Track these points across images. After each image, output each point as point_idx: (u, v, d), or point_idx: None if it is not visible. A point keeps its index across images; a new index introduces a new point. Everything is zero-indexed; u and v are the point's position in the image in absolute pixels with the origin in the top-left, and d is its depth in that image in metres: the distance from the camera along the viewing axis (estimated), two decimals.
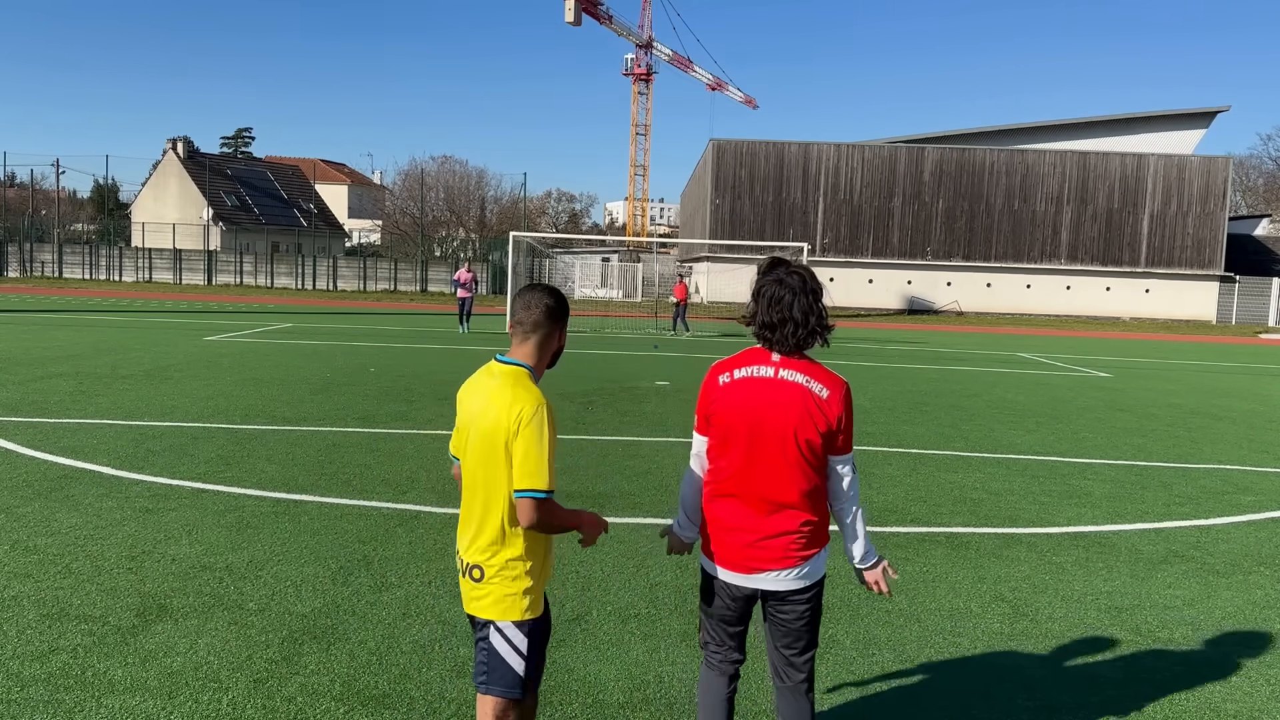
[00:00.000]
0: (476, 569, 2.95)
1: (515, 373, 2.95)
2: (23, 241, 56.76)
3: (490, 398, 2.92)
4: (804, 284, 2.97)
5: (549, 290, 3.02)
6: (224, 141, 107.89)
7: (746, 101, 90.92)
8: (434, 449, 9.20)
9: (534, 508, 2.82)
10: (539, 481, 2.81)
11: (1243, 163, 72.17)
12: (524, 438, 2.82)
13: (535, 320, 2.98)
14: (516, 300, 3.01)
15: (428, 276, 54.00)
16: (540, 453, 2.81)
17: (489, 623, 2.95)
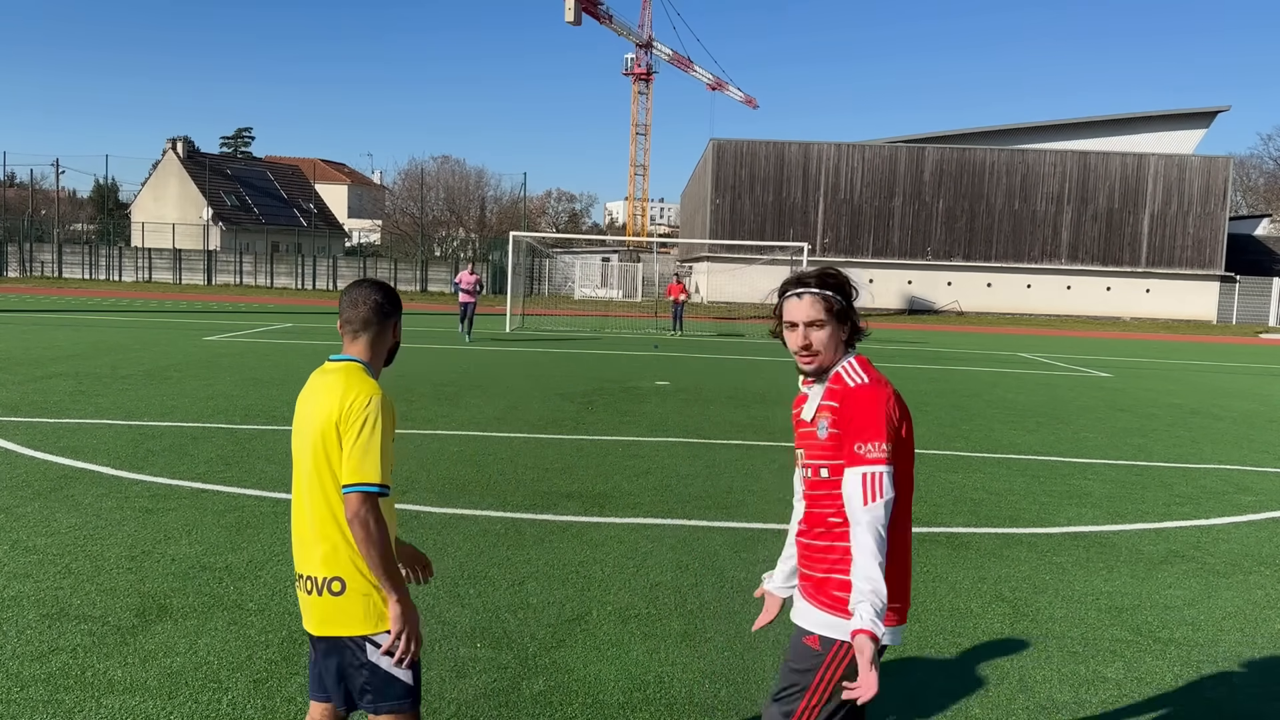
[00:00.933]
0: (336, 581, 2.67)
1: (348, 367, 2.74)
2: (22, 241, 56.76)
3: (322, 395, 2.69)
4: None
5: (376, 285, 2.83)
6: (224, 141, 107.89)
7: (747, 101, 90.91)
8: (434, 449, 9.20)
9: (360, 502, 2.57)
10: (368, 474, 2.59)
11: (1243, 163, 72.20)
12: (354, 428, 2.61)
13: (364, 318, 2.78)
14: (343, 298, 2.81)
15: (428, 276, 54.02)
16: (370, 444, 2.60)
17: (362, 640, 2.68)
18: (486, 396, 13.01)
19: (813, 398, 2.73)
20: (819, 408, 2.68)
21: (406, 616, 2.67)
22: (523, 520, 6.82)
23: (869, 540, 2.50)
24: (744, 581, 5.68)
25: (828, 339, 2.67)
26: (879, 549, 2.50)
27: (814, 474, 2.69)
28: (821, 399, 2.69)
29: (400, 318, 2.90)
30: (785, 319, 2.73)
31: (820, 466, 2.67)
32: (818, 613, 2.68)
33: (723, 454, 9.53)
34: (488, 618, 4.94)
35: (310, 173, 78.18)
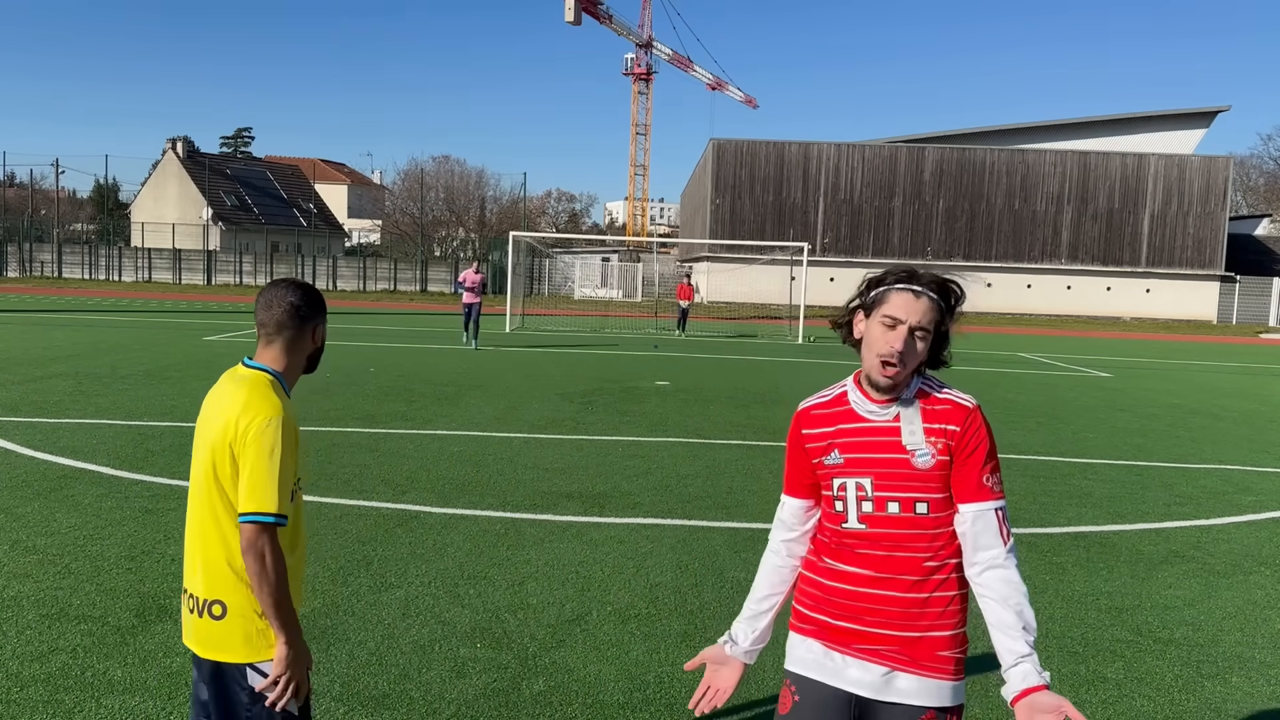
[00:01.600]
0: (217, 604, 2.48)
1: (256, 379, 2.51)
2: (22, 241, 56.78)
3: (223, 405, 2.50)
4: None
5: (294, 285, 2.61)
6: (223, 141, 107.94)
7: (747, 101, 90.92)
8: (434, 449, 9.20)
9: (257, 534, 2.37)
10: (264, 503, 2.38)
11: (1243, 162, 72.19)
12: (249, 452, 2.40)
13: (278, 321, 2.56)
14: (258, 298, 2.62)
15: (427, 276, 54.04)
16: (267, 471, 2.39)
17: (242, 666, 2.48)
18: (486, 396, 13.01)
19: (910, 418, 2.28)
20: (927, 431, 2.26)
21: (292, 660, 2.44)
22: (523, 520, 6.82)
23: (1022, 584, 2.22)
24: (744, 582, 5.68)
25: (920, 355, 2.26)
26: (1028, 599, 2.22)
27: (905, 508, 2.25)
28: (925, 420, 2.27)
29: (322, 321, 2.66)
30: (886, 313, 2.25)
31: (917, 501, 2.25)
32: (929, 681, 2.24)
33: (723, 454, 9.53)
34: (488, 618, 4.94)
35: (310, 173, 78.22)
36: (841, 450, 2.32)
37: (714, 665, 2.47)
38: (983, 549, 2.22)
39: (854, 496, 2.29)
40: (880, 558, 2.26)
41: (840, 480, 2.31)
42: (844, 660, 2.30)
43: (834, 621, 2.32)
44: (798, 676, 2.35)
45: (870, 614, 2.27)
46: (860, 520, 2.28)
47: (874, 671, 2.26)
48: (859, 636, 2.28)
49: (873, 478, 2.27)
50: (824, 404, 2.41)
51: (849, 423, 2.33)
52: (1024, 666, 2.14)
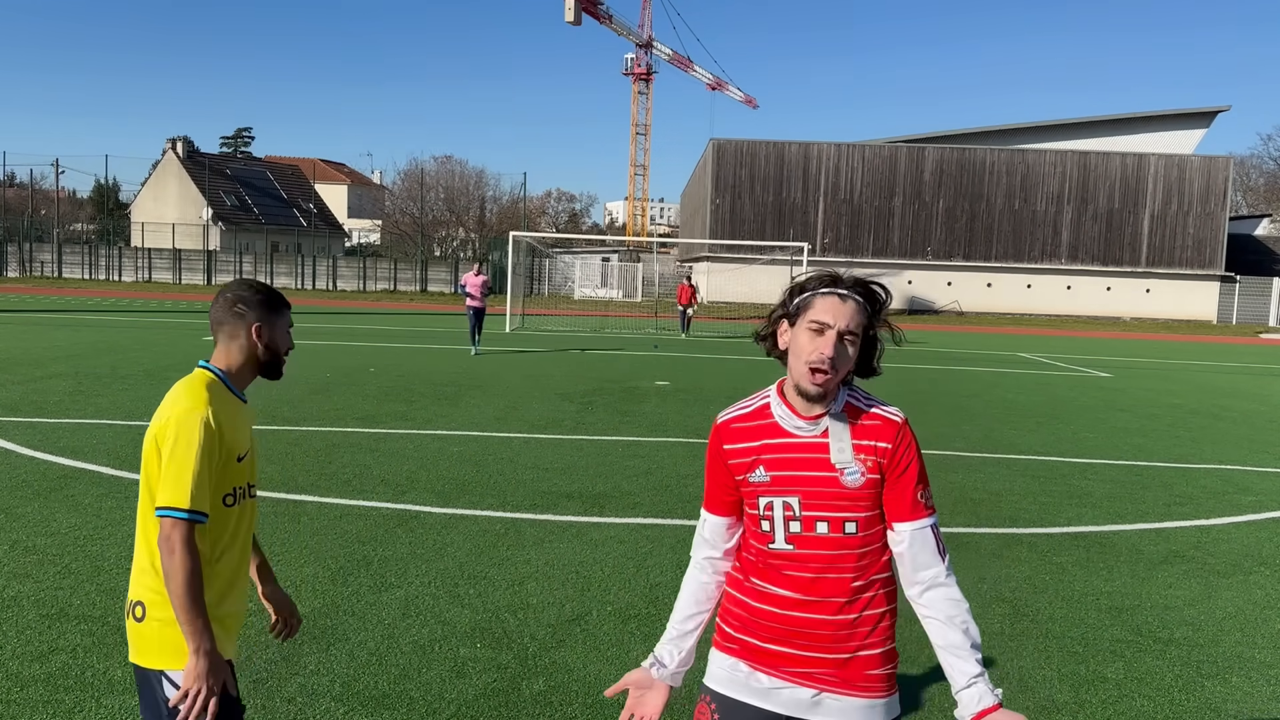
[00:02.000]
0: (139, 605, 2.40)
1: (194, 376, 2.48)
2: (22, 241, 56.77)
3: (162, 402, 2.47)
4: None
5: (239, 282, 2.56)
6: (223, 141, 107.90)
7: (747, 101, 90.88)
8: (434, 449, 9.20)
9: (170, 528, 2.29)
10: (176, 498, 2.30)
11: (1243, 162, 72.16)
12: (168, 446, 2.34)
13: (216, 317, 2.52)
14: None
15: (427, 276, 54.03)
16: (181, 464, 2.32)
17: (159, 673, 2.37)
18: (486, 396, 13.01)
19: (839, 435, 2.19)
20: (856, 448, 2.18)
21: (202, 672, 2.29)
22: (523, 520, 6.82)
23: (964, 600, 2.18)
24: None
25: (849, 361, 2.17)
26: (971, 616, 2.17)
27: (834, 528, 2.17)
28: (855, 437, 2.19)
29: (268, 322, 2.53)
30: (813, 318, 2.15)
31: (845, 521, 2.18)
32: (860, 701, 2.20)
33: None
34: (488, 618, 4.94)
35: (310, 173, 78.18)
36: (767, 467, 2.22)
37: (638, 690, 2.33)
38: (922, 568, 2.17)
39: (781, 516, 2.20)
40: (809, 580, 2.18)
41: (766, 499, 2.21)
42: (770, 681, 2.23)
43: (761, 644, 2.24)
44: (718, 695, 2.28)
45: (799, 637, 2.20)
46: (788, 541, 2.20)
47: (803, 694, 2.21)
48: (787, 659, 2.21)
49: (800, 496, 2.18)
50: (745, 415, 2.29)
51: (774, 438, 2.23)
52: (978, 687, 2.10)
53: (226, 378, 2.51)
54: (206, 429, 2.36)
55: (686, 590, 2.37)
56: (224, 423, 2.41)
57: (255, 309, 2.53)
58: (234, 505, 2.48)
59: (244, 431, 2.51)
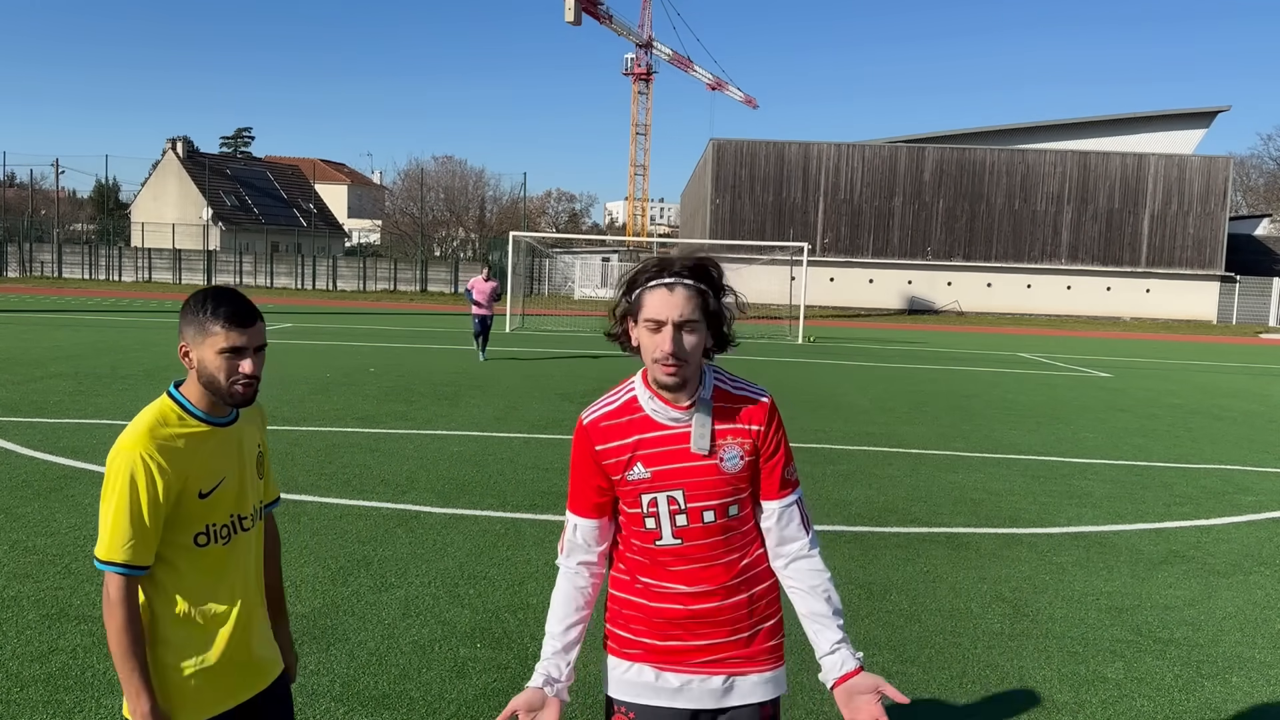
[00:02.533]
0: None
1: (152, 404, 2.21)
2: (22, 241, 56.78)
3: None
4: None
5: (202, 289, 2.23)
6: (223, 141, 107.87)
7: (747, 101, 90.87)
8: (434, 449, 9.20)
9: (105, 582, 2.09)
10: (104, 548, 2.08)
11: (1243, 162, 72.16)
12: (104, 491, 2.12)
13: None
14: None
15: (427, 276, 54.02)
16: (111, 513, 2.08)
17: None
18: (486, 396, 13.01)
19: (701, 424, 2.15)
20: (722, 433, 2.16)
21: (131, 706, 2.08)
22: (523, 520, 6.82)
23: (827, 569, 2.23)
24: None
25: (699, 347, 2.13)
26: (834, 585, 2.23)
27: (718, 514, 2.17)
28: (720, 422, 2.16)
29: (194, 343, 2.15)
30: (647, 316, 2.09)
31: (729, 505, 2.18)
32: (766, 675, 2.23)
33: None
34: (488, 618, 4.94)
35: (310, 173, 78.20)
36: (646, 463, 2.16)
37: (529, 713, 2.26)
38: (789, 541, 2.20)
39: (666, 511, 2.16)
40: (700, 570, 2.18)
41: (650, 495, 2.16)
42: (680, 679, 2.21)
43: (664, 643, 2.21)
44: (633, 704, 2.24)
45: (702, 626, 2.19)
46: (675, 535, 2.17)
47: (714, 682, 2.21)
48: (695, 652, 2.20)
49: (684, 489, 2.15)
50: (614, 412, 2.21)
51: (649, 432, 2.17)
52: (841, 653, 2.13)
53: (188, 401, 2.20)
54: (138, 471, 2.08)
55: (561, 599, 2.27)
56: (173, 460, 2.12)
57: (184, 324, 2.17)
58: (209, 544, 2.21)
59: (213, 462, 2.20)
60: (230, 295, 2.17)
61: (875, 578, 5.83)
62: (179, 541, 2.17)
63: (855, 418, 12.37)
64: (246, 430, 2.35)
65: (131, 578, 2.10)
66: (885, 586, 5.67)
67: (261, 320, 2.21)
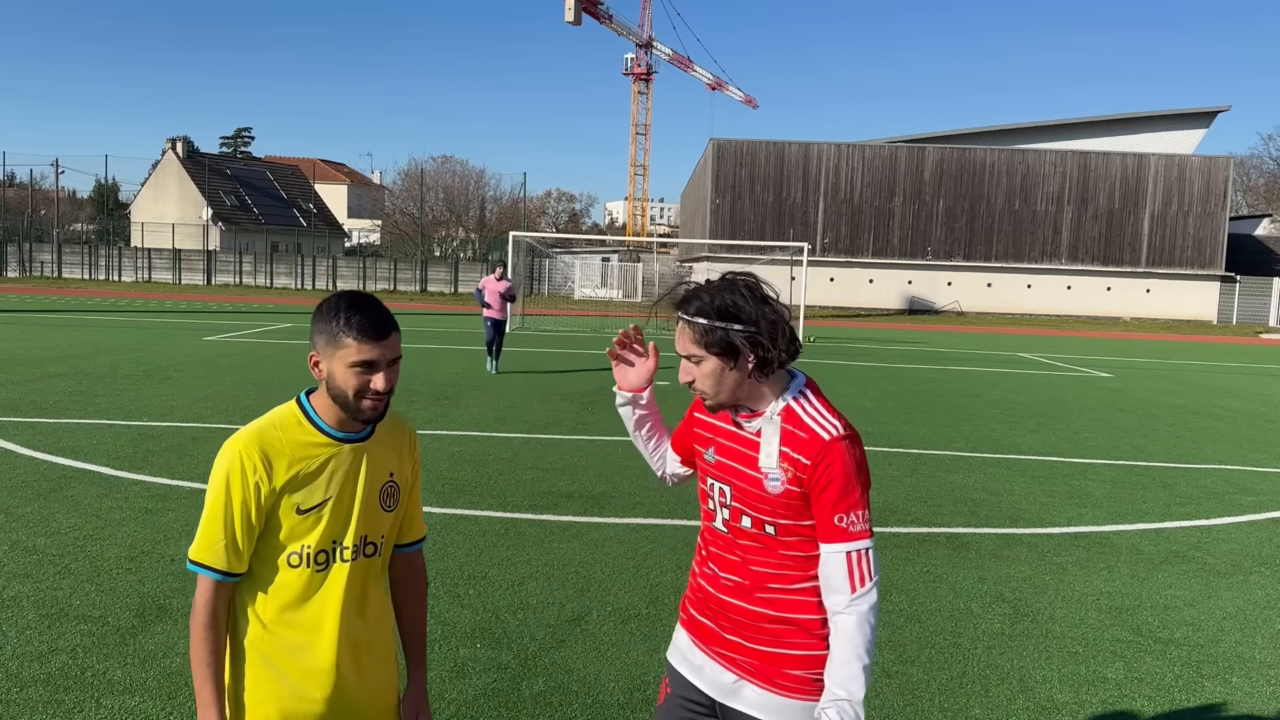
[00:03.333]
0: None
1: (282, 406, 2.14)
2: (22, 241, 56.76)
3: None
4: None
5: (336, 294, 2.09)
6: (223, 141, 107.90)
7: (747, 101, 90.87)
8: (434, 449, 9.20)
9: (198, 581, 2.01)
10: (196, 547, 2.01)
11: (1243, 162, 72.14)
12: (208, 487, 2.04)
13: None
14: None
15: (427, 276, 54.01)
16: (206, 511, 2.01)
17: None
18: (486, 396, 13.01)
19: (769, 439, 2.16)
20: (782, 455, 2.14)
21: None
22: (523, 520, 6.82)
23: (858, 638, 2.06)
24: None
25: (713, 376, 2.15)
26: (867, 650, 2.06)
27: (755, 525, 2.19)
28: (781, 444, 2.14)
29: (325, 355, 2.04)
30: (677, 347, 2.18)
31: (766, 522, 2.17)
32: (775, 698, 2.18)
33: None
34: (488, 618, 4.94)
35: (310, 173, 78.22)
36: (717, 451, 2.28)
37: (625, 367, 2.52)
38: (831, 591, 2.10)
39: (718, 500, 2.27)
40: (736, 563, 2.22)
41: (710, 481, 2.30)
42: (701, 658, 2.30)
43: (699, 617, 2.32)
44: (672, 669, 2.38)
45: (723, 617, 2.25)
46: (724, 524, 2.26)
47: (725, 677, 2.24)
48: (715, 637, 2.27)
49: (732, 488, 2.23)
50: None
51: (727, 423, 2.27)
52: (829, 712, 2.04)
53: (313, 410, 2.08)
54: (234, 471, 1.99)
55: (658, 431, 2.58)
56: (273, 465, 2.01)
57: (317, 332, 2.05)
58: (301, 567, 2.05)
59: (319, 478, 2.05)
60: (364, 303, 2.03)
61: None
62: (269, 557, 2.05)
63: (855, 418, 12.36)
64: (378, 454, 2.17)
65: (219, 584, 1.99)
66: (885, 586, 5.67)
67: (397, 331, 2.07)
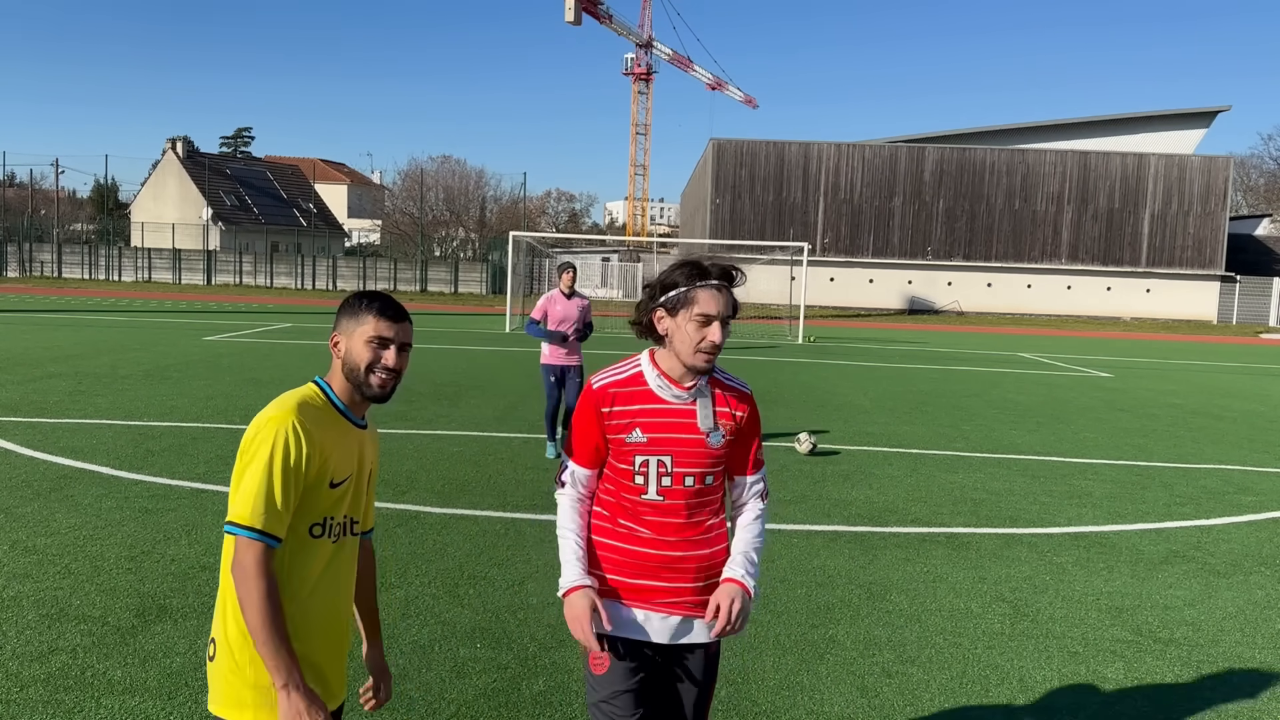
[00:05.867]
0: (211, 643, 2.18)
1: (299, 389, 2.26)
2: (22, 241, 56.75)
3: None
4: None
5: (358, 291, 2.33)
6: (223, 141, 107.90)
7: (746, 101, 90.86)
8: (434, 449, 9.20)
9: (239, 552, 2.05)
10: (240, 511, 2.06)
11: (1244, 162, 72.11)
12: (245, 455, 2.11)
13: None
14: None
15: (427, 276, 54.00)
16: (256, 477, 2.07)
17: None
18: (486, 396, 13.01)
19: (704, 406, 2.55)
20: (718, 414, 2.56)
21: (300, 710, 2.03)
22: (523, 520, 6.82)
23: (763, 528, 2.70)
24: None
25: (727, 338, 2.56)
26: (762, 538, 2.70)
27: (697, 480, 2.55)
28: (718, 405, 2.56)
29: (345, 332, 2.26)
30: (700, 311, 2.44)
31: (706, 474, 2.56)
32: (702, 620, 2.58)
33: None
34: (488, 618, 4.94)
35: (310, 173, 78.21)
36: (644, 430, 2.52)
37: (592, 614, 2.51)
38: (753, 504, 2.66)
39: (655, 472, 2.53)
40: (675, 524, 2.54)
41: (642, 458, 2.52)
42: (644, 615, 2.55)
43: (631, 580, 2.55)
44: (613, 640, 2.56)
45: (668, 571, 2.54)
46: (659, 493, 2.54)
47: (671, 621, 2.56)
48: (658, 592, 2.55)
49: (673, 456, 2.52)
50: (621, 382, 2.56)
51: (650, 403, 2.53)
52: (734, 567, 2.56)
53: (331, 390, 2.27)
54: (291, 439, 2.10)
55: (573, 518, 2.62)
56: (316, 439, 2.14)
57: (340, 316, 2.28)
58: (323, 538, 2.19)
59: (346, 456, 2.23)
60: (386, 295, 2.31)
61: (875, 578, 5.83)
62: (295, 526, 2.16)
63: (855, 418, 12.37)
64: (369, 443, 2.38)
65: (269, 548, 2.08)
66: (885, 586, 5.67)
67: (411, 323, 2.33)
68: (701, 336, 2.45)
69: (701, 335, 2.45)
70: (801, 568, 5.96)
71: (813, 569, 5.95)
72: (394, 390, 2.29)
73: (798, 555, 6.22)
